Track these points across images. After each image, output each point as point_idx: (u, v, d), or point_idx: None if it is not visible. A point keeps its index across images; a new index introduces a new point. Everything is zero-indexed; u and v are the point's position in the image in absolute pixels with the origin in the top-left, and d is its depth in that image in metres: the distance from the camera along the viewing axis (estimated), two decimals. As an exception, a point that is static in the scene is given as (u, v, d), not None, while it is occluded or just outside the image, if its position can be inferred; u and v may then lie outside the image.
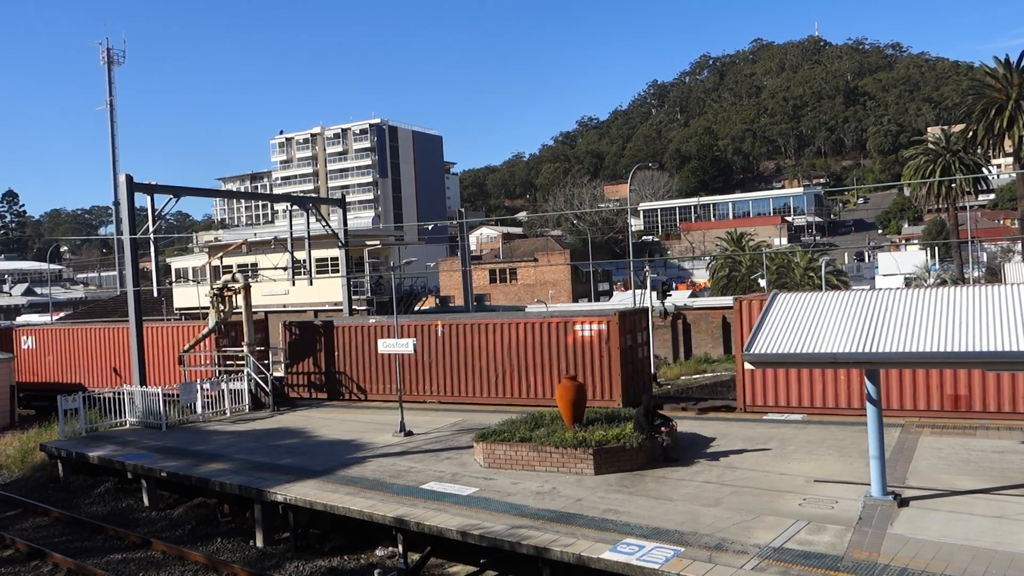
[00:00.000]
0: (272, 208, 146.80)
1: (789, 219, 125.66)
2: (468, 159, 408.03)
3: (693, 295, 55.14)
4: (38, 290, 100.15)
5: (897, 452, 15.22)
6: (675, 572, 10.20)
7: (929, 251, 74.53)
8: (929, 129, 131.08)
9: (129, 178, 26.17)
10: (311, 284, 34.87)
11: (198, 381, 25.63)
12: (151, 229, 26.60)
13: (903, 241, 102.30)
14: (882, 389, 15.67)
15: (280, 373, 28.42)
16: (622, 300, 65.59)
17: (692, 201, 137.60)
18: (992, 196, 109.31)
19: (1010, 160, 66.09)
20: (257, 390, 26.13)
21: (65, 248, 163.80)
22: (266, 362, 27.00)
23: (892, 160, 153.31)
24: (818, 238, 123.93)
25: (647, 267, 45.40)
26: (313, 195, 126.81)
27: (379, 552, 14.80)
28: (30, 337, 35.63)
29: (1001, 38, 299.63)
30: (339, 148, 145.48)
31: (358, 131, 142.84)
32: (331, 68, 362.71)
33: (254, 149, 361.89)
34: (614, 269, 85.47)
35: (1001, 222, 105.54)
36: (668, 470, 15.17)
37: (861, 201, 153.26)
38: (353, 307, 36.12)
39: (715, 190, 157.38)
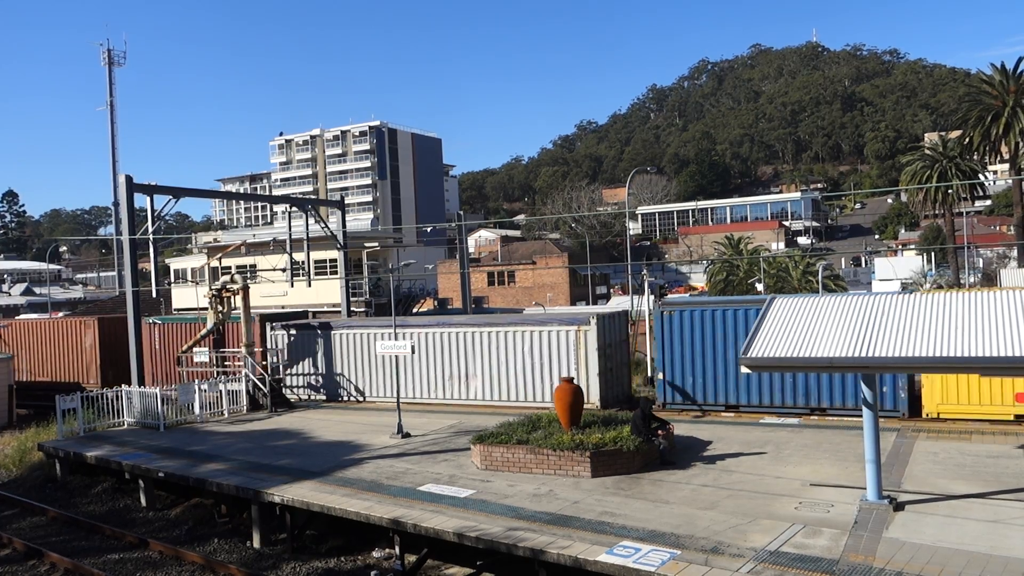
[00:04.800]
0: (271, 209, 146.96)
1: (787, 224, 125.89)
2: (467, 162, 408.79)
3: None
4: (37, 290, 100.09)
5: (893, 456, 15.28)
6: (671, 575, 10.25)
7: (925, 256, 74.68)
8: (926, 135, 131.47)
9: (129, 179, 26.21)
10: (310, 286, 34.90)
11: (195, 382, 25.65)
12: (150, 230, 26.63)
13: (900, 246, 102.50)
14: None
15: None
16: (620, 304, 65.68)
17: (690, 205, 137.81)
18: (988, 202, 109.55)
19: (1006, 166, 66.34)
20: (255, 391, 26.15)
21: (64, 248, 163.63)
22: (264, 363, 27.03)
23: (889, 166, 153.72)
24: (815, 242, 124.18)
25: (644, 270, 45.51)
26: (312, 197, 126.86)
27: (376, 553, 14.83)
28: None
29: (998, 45, 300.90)
30: (338, 150, 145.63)
31: (357, 133, 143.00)
32: (331, 70, 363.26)
33: (253, 151, 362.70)
34: (612, 272, 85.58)
35: (997, 228, 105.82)
36: (665, 473, 15.22)
37: (858, 206, 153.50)
38: (351, 309, 36.14)
39: (713, 194, 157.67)
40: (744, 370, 12.68)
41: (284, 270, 33.08)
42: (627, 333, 24.81)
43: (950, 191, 51.55)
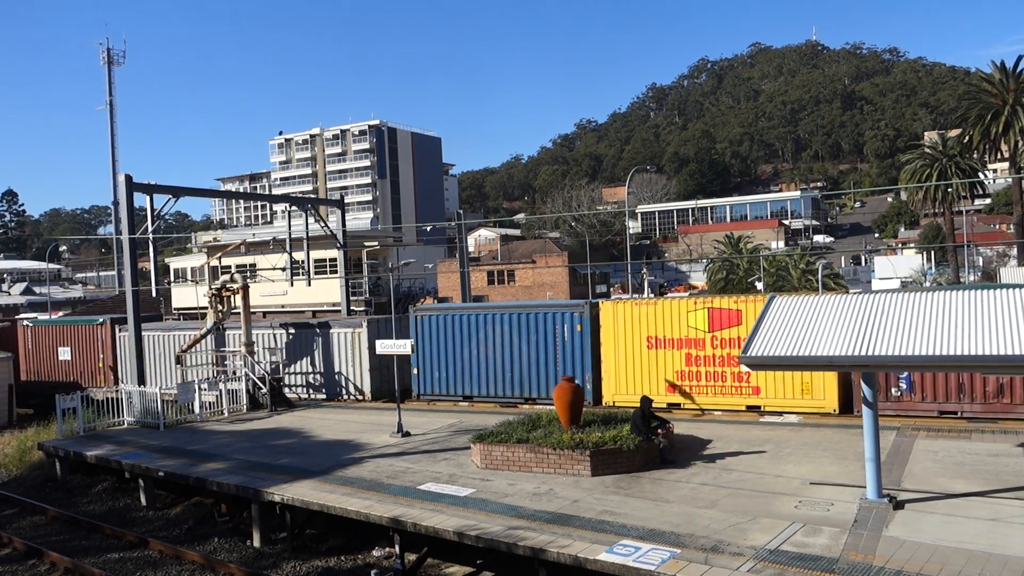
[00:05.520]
0: (271, 209, 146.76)
1: (786, 222, 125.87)
2: (467, 161, 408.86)
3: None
4: (37, 289, 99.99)
5: (892, 455, 15.28)
6: (671, 574, 10.25)
7: (925, 255, 74.65)
8: (926, 134, 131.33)
9: (128, 178, 26.20)
10: (309, 285, 34.88)
11: (195, 381, 25.65)
12: (150, 229, 26.62)
13: (899, 245, 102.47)
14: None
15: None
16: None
17: (690, 204, 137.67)
18: (988, 200, 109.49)
19: (1006, 165, 66.29)
20: (255, 390, 26.15)
21: (64, 248, 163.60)
22: (264, 362, 27.04)
23: (889, 164, 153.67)
24: (820, 238, 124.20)
25: (644, 269, 45.50)
26: (312, 196, 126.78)
27: (376, 552, 14.84)
28: None
29: (998, 44, 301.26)
30: (338, 149, 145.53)
31: (357, 132, 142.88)
32: (331, 69, 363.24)
33: (253, 150, 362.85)
34: (612, 271, 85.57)
35: (997, 226, 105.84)
36: (664, 472, 15.22)
37: (858, 205, 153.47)
38: (351, 308, 36.11)
39: (713, 193, 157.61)
40: (744, 368, 12.67)
41: (284, 269, 33.07)
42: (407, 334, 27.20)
43: (950, 189, 51.48)
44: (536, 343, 23.53)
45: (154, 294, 34.83)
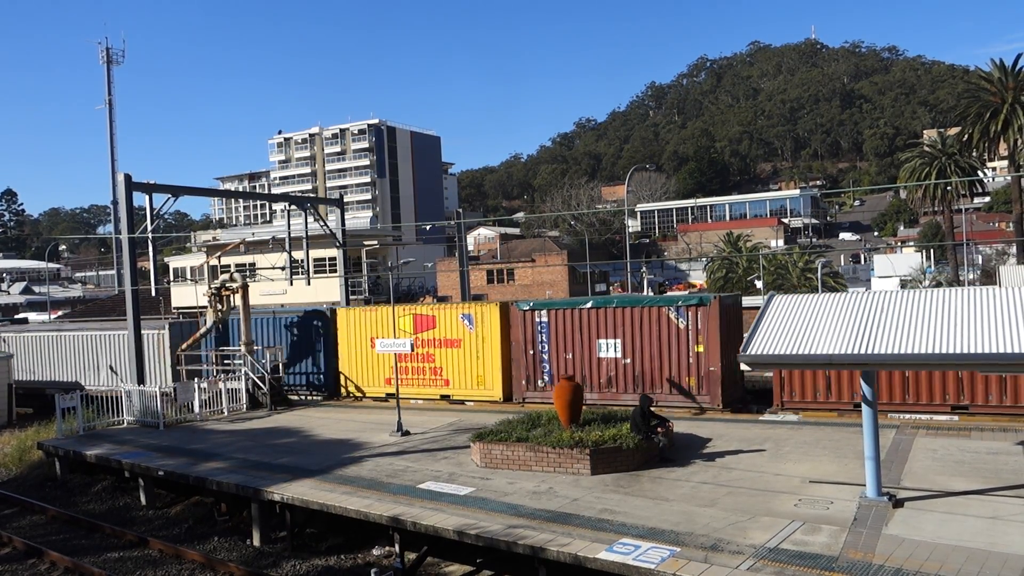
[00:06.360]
0: (270, 208, 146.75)
1: (785, 221, 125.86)
2: (466, 160, 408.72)
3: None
4: (36, 289, 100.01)
5: (892, 453, 15.30)
6: (671, 572, 10.26)
7: (924, 253, 74.67)
8: (925, 132, 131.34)
9: (127, 177, 26.16)
10: (309, 284, 34.88)
11: (195, 380, 25.65)
12: (149, 228, 26.60)
13: (899, 243, 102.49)
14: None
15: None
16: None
17: (689, 203, 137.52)
18: (987, 199, 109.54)
19: (1005, 163, 66.29)
20: (255, 389, 26.15)
21: (63, 247, 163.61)
22: (264, 361, 27.03)
23: (888, 163, 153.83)
24: (847, 235, 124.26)
25: (644, 268, 45.45)
26: (311, 195, 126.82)
27: (376, 551, 14.84)
28: None
29: (997, 42, 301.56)
30: (337, 148, 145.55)
31: (356, 131, 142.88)
32: (330, 68, 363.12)
33: (252, 149, 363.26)
34: (611, 270, 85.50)
35: (996, 225, 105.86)
36: (664, 470, 15.23)
37: (857, 203, 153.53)
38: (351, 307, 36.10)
39: (712, 192, 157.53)
40: (744, 367, 12.68)
41: (283, 268, 33.07)
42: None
43: (949, 188, 51.53)
44: (297, 342, 27.85)
45: (153, 293, 34.78)
